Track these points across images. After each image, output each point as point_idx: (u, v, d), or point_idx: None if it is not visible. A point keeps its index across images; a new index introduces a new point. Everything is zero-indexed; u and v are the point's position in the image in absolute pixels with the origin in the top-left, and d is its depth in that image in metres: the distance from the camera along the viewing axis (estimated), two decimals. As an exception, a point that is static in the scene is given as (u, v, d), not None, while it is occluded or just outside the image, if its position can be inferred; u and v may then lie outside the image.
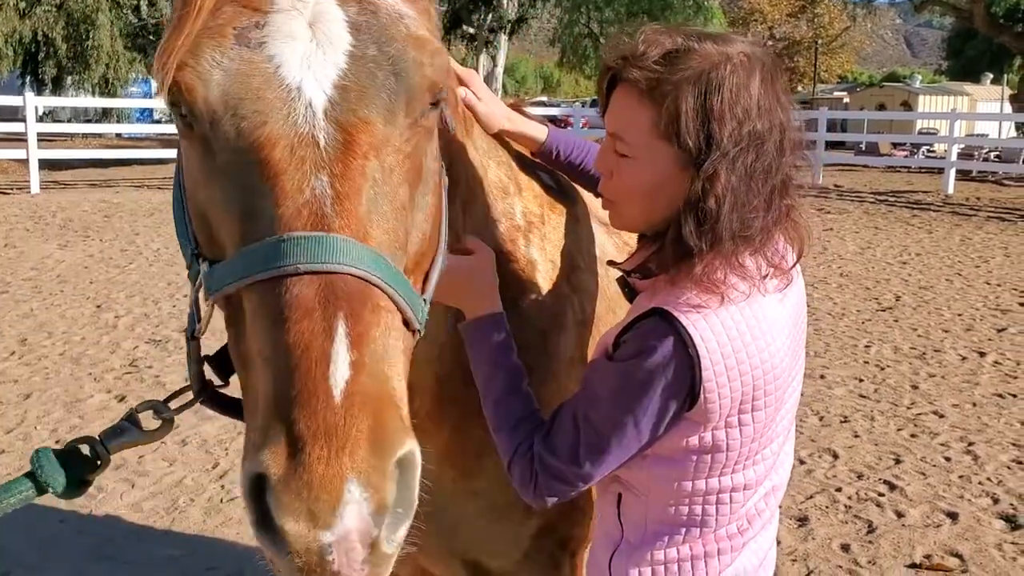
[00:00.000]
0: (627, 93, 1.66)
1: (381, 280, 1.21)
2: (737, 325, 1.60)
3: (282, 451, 1.09)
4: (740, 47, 1.64)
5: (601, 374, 1.66)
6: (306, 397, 1.10)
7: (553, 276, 2.07)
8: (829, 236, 14.83)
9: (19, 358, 7.45)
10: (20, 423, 6.07)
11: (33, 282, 10.21)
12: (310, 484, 1.06)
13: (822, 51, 54.47)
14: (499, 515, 1.99)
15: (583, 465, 1.65)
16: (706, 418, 1.61)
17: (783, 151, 1.64)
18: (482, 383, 1.80)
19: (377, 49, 1.29)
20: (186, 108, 1.28)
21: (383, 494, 1.10)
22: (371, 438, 1.10)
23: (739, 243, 1.59)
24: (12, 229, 13.82)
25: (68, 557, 4.39)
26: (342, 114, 1.25)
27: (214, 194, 1.29)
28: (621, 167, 1.69)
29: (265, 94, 1.23)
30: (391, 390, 1.18)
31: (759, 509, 1.78)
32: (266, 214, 1.21)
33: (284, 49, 1.25)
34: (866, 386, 7.14)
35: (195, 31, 1.26)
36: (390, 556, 1.14)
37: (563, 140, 2.15)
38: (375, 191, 1.26)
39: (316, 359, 1.12)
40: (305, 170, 1.21)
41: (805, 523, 4.83)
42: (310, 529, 1.07)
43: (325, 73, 1.25)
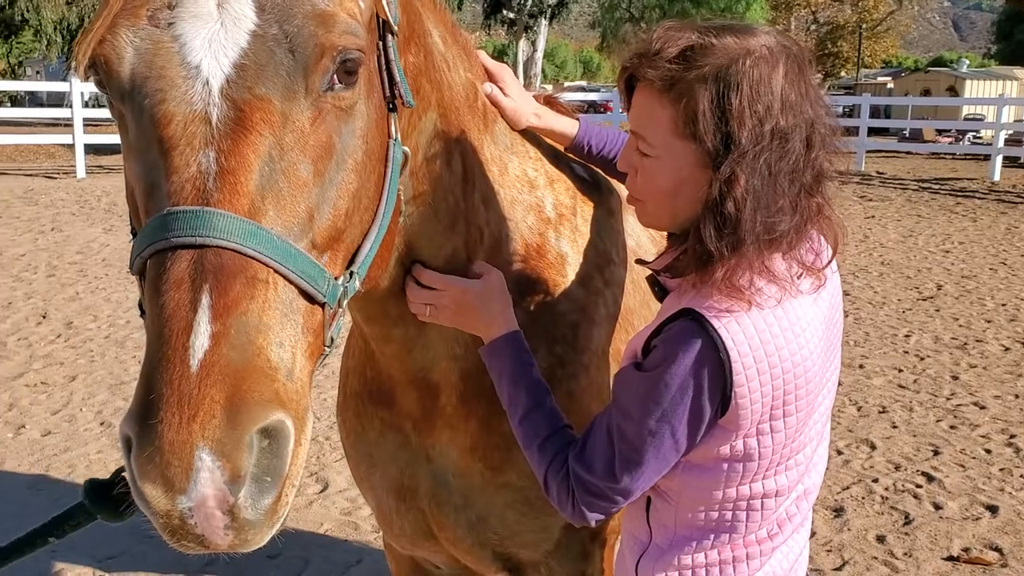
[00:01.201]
0: (645, 93, 1.62)
1: (260, 253, 1.22)
2: (769, 327, 1.55)
3: (143, 416, 1.14)
4: (763, 39, 1.57)
5: (631, 384, 1.61)
6: (165, 365, 1.14)
7: (585, 270, 2.07)
8: (870, 224, 14.66)
9: (65, 341, 7.62)
10: (66, 405, 6.22)
11: (79, 266, 10.42)
12: (161, 449, 1.11)
13: (866, 35, 53.59)
14: (529, 507, 2.00)
15: (620, 480, 1.61)
16: (737, 425, 1.56)
17: (812, 147, 1.57)
18: (506, 403, 1.80)
19: (279, 27, 1.30)
20: (105, 83, 1.33)
21: (237, 463, 1.13)
22: (227, 407, 1.13)
23: (764, 246, 1.54)
24: (59, 213, 14.09)
25: (112, 535, 4.50)
26: (237, 92, 1.27)
27: (132, 170, 1.34)
28: (644, 166, 1.65)
29: (167, 72, 1.27)
30: (263, 361, 1.19)
31: (790, 514, 1.73)
32: (160, 189, 1.25)
33: (189, 29, 1.28)
34: (905, 376, 7.07)
35: (114, 13, 1.30)
36: (256, 522, 1.18)
37: (595, 134, 2.14)
38: (269, 167, 1.27)
39: (178, 329, 1.16)
40: (195, 146, 1.25)
41: (841, 514, 4.82)
42: (165, 493, 1.12)
43: (225, 52, 1.28)
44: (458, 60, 1.91)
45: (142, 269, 1.28)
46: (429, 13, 1.85)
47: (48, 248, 11.38)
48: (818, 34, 53.87)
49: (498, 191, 1.96)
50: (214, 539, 1.16)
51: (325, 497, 4.96)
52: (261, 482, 1.17)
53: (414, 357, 1.96)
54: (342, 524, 4.70)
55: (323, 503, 4.90)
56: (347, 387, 2.27)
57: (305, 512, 4.79)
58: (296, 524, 4.64)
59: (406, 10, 1.65)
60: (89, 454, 5.41)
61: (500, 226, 1.95)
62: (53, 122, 25.02)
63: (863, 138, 22.86)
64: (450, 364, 1.96)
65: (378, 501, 2.24)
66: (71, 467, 5.25)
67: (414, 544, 2.26)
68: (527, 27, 44.59)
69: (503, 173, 1.99)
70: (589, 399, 2.01)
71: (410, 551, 2.37)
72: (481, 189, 1.91)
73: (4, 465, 5.32)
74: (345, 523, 4.70)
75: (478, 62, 2.03)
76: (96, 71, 1.32)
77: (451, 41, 1.91)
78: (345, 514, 4.79)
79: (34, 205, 14.86)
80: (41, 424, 5.88)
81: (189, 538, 1.16)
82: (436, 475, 2.07)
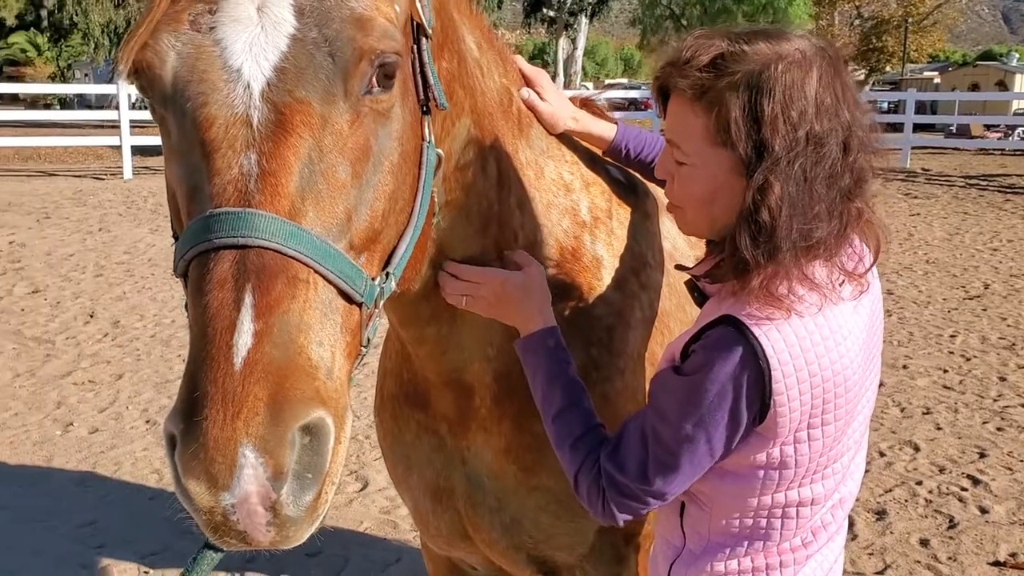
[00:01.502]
0: (678, 101, 1.61)
1: (301, 254, 1.24)
2: (810, 335, 1.53)
3: (188, 414, 1.16)
4: (796, 44, 1.55)
5: (669, 387, 1.60)
6: (209, 363, 1.16)
7: (621, 273, 2.07)
8: (915, 221, 14.44)
9: (112, 339, 7.76)
10: (112, 403, 6.34)
11: (126, 266, 10.60)
12: (205, 446, 1.13)
13: (912, 29, 52.67)
14: (563, 511, 2.00)
15: (653, 483, 1.60)
16: (774, 432, 1.55)
17: (849, 151, 1.54)
18: (540, 400, 1.79)
19: (318, 31, 1.32)
20: (147, 87, 1.35)
21: (280, 459, 1.15)
22: (270, 405, 1.15)
23: (802, 254, 1.52)
24: (106, 214, 14.34)
25: (156, 532, 4.59)
26: (278, 95, 1.29)
27: (174, 173, 1.36)
28: (680, 174, 1.64)
29: (209, 76, 1.29)
30: (304, 360, 1.21)
31: (825, 522, 1.72)
32: (203, 191, 1.27)
33: (230, 33, 1.30)
34: (950, 377, 6.96)
35: (156, 19, 1.33)
36: (298, 519, 1.19)
37: (632, 137, 2.14)
38: (309, 169, 1.29)
39: (222, 328, 1.18)
40: (236, 148, 1.27)
41: (883, 517, 4.76)
42: (209, 489, 1.14)
43: (266, 56, 1.30)
44: (493, 66, 1.92)
45: (185, 271, 1.30)
46: (465, 19, 1.86)
47: (96, 248, 11.59)
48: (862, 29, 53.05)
49: (533, 195, 1.97)
50: (256, 536, 1.17)
51: (365, 495, 5.01)
52: (303, 479, 1.19)
53: (448, 358, 1.97)
54: (381, 523, 4.74)
55: (363, 501, 4.95)
56: (384, 389, 2.30)
57: (345, 510, 4.84)
58: (336, 522, 4.69)
59: (440, 15, 1.66)
60: (135, 451, 5.51)
61: (535, 230, 1.96)
62: (101, 124, 25.47)
63: (908, 134, 22.50)
64: (483, 365, 1.97)
65: (415, 502, 2.26)
66: (117, 464, 5.35)
67: (450, 545, 2.28)
68: (567, 25, 44.49)
69: (539, 177, 2.00)
70: (624, 402, 2.01)
71: (447, 552, 2.39)
72: (516, 193, 1.92)
73: (53, 462, 5.44)
74: (384, 521, 4.74)
75: (514, 67, 2.04)
76: (139, 76, 1.35)
77: (486, 47, 1.92)
78: (384, 513, 4.83)
79: (83, 206, 15.14)
80: (88, 422, 6.00)
81: (231, 535, 1.17)
82: (471, 477, 2.08)
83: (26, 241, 11.92)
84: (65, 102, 42.75)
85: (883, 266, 1.63)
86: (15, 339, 7.74)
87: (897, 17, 52.67)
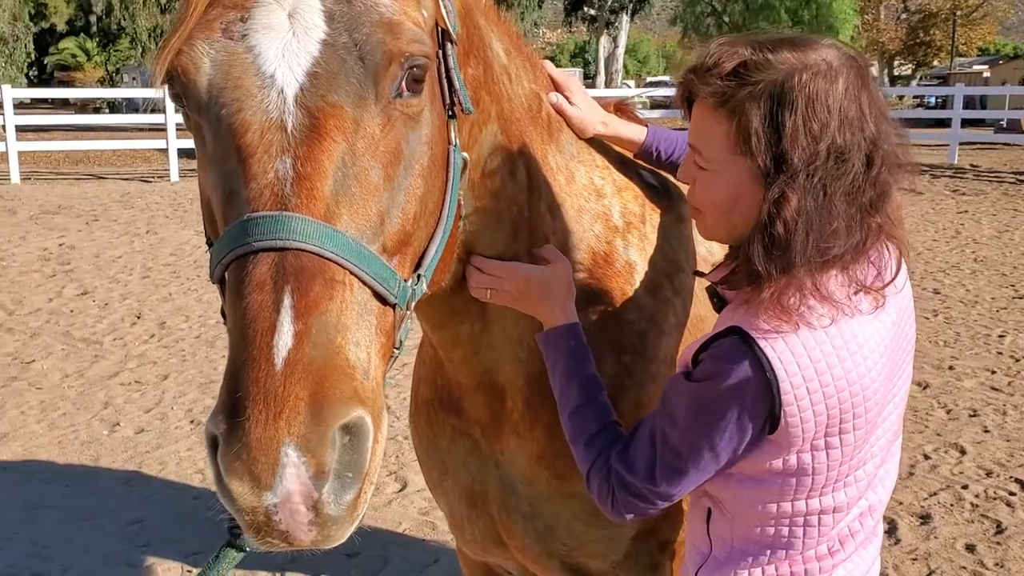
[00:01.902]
0: (701, 108, 1.60)
1: (337, 255, 1.26)
2: (821, 346, 1.52)
3: (230, 415, 1.17)
4: (822, 53, 1.53)
5: (679, 393, 1.62)
6: (251, 364, 1.18)
7: (654, 278, 2.07)
8: (963, 219, 14.18)
9: (158, 341, 7.90)
10: (158, 403, 6.45)
11: (172, 267, 10.77)
12: (248, 446, 1.14)
13: (961, 22, 51.73)
14: (596, 519, 1.99)
15: (659, 484, 1.62)
16: (789, 441, 1.54)
17: (872, 166, 1.52)
18: (558, 394, 1.82)
19: (348, 36, 1.34)
20: (181, 94, 1.37)
21: (322, 458, 1.16)
22: (311, 404, 1.16)
23: (816, 268, 1.51)
24: (153, 216, 14.58)
25: (200, 531, 4.66)
26: (311, 100, 1.31)
27: (208, 179, 1.38)
28: (701, 179, 1.64)
29: (243, 82, 1.31)
30: (343, 360, 1.22)
31: (853, 530, 1.70)
32: (239, 196, 1.29)
33: (263, 40, 1.32)
34: (999, 378, 6.82)
35: (189, 28, 1.35)
36: (339, 518, 1.20)
37: (664, 139, 2.13)
38: (343, 173, 1.31)
39: (263, 329, 1.19)
40: (272, 153, 1.28)
41: (928, 521, 4.68)
42: (252, 489, 1.15)
43: (298, 61, 1.32)
44: (522, 71, 1.93)
45: (222, 276, 1.32)
46: (492, 26, 1.87)
47: (143, 250, 11.80)
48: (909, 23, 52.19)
49: (564, 200, 1.97)
50: (298, 535, 1.18)
51: (403, 496, 5.04)
52: (343, 478, 1.20)
53: (480, 359, 1.98)
54: (420, 524, 4.77)
55: (401, 502, 4.98)
56: (419, 395, 2.31)
57: (384, 511, 4.88)
58: (375, 523, 4.73)
59: (465, 23, 1.67)
60: (180, 451, 5.60)
61: (566, 235, 1.96)
62: (149, 127, 25.88)
63: (956, 130, 22.10)
64: (515, 367, 1.98)
65: (450, 507, 2.27)
66: (163, 464, 5.44)
67: (485, 550, 2.29)
68: (608, 23, 44.38)
69: (570, 182, 2.00)
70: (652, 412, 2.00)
71: (482, 557, 2.40)
72: (547, 198, 1.93)
73: (100, 461, 5.55)
74: (423, 523, 4.77)
75: (543, 72, 2.04)
76: (173, 83, 1.37)
77: (515, 53, 1.93)
78: (423, 514, 4.85)
79: (130, 208, 15.42)
80: (135, 422, 6.11)
81: (273, 535, 1.19)
82: (505, 482, 2.09)
83: (75, 243, 12.17)
84: (114, 106, 43.51)
85: (930, 265, 1.59)
86: (64, 340, 7.91)
87: (945, 10, 51.74)
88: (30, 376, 7.01)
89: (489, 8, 1.89)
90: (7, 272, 10.44)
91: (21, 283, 9.93)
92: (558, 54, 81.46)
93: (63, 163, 23.05)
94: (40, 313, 8.78)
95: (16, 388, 6.75)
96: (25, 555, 4.48)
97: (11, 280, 10.06)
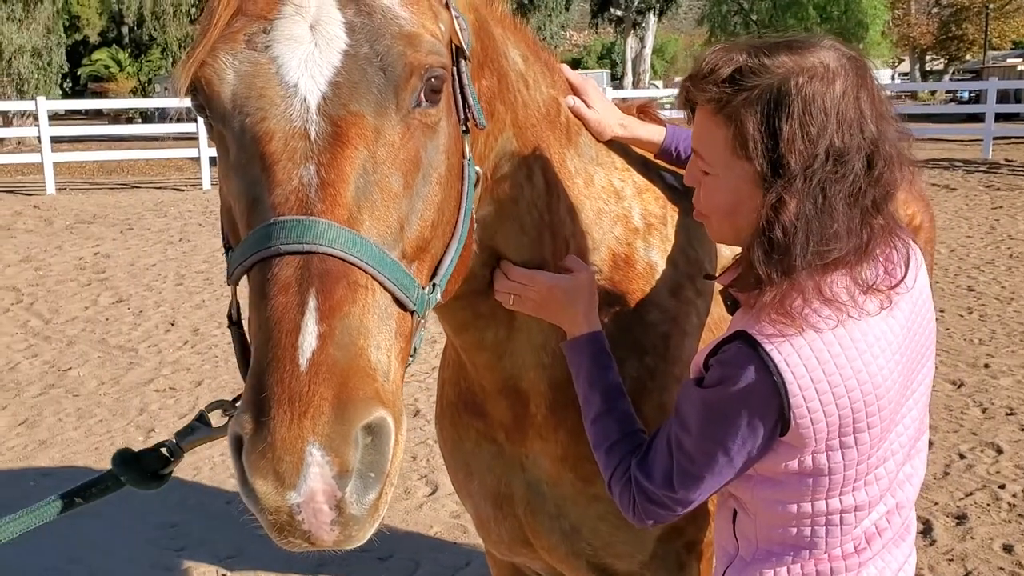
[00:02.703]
0: (701, 113, 1.62)
1: (360, 260, 1.28)
2: (829, 348, 1.52)
3: (255, 415, 1.19)
4: (820, 56, 1.53)
5: (690, 400, 1.63)
6: (275, 365, 1.20)
7: (676, 279, 2.07)
8: (998, 215, 13.98)
9: (192, 347, 7.99)
10: (192, 409, 6.51)
11: (205, 274, 10.90)
12: (273, 445, 1.15)
13: (994, 15, 51.00)
14: (622, 520, 1.97)
15: (677, 491, 1.64)
16: (803, 443, 1.55)
17: (874, 167, 1.52)
18: (581, 401, 1.84)
19: (369, 47, 1.36)
20: (205, 104, 1.40)
21: (345, 458, 1.17)
22: (335, 404, 1.18)
23: (817, 271, 1.51)
24: (186, 224, 14.75)
25: (233, 535, 4.71)
26: (334, 108, 1.34)
27: (231, 187, 1.40)
28: (705, 183, 1.65)
29: (266, 92, 1.34)
30: (365, 362, 1.24)
31: (880, 528, 1.70)
32: (264, 202, 1.32)
33: (286, 50, 1.35)
34: (1036, 376, 6.73)
35: (213, 39, 1.38)
36: (360, 518, 1.21)
37: (683, 139, 2.13)
38: (364, 179, 1.33)
39: (287, 330, 1.21)
40: (296, 160, 1.31)
41: (964, 521, 4.63)
42: (277, 489, 1.16)
43: (321, 71, 1.34)
44: (540, 77, 1.94)
45: (240, 279, 1.35)
46: (509, 34, 1.89)
47: (177, 258, 11.94)
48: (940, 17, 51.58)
49: (583, 203, 1.98)
50: (320, 534, 1.19)
51: (434, 500, 5.06)
52: (366, 478, 1.21)
53: (503, 365, 2.00)
54: (451, 527, 4.78)
55: (432, 506, 5.00)
56: (443, 398, 2.33)
57: (415, 514, 4.90)
58: (406, 526, 4.75)
59: (479, 35, 1.70)
60: (213, 456, 5.66)
61: (585, 237, 1.98)
62: (181, 136, 26.19)
63: (990, 124, 21.78)
64: (538, 373, 1.99)
65: (476, 509, 2.29)
66: (196, 469, 5.50)
67: (512, 551, 2.30)
68: (635, 24, 44.28)
69: (588, 184, 2.01)
70: None
71: (509, 558, 2.41)
72: (566, 202, 1.94)
73: (136, 467, 5.60)
74: (454, 526, 4.79)
75: (561, 77, 2.05)
76: (197, 94, 1.40)
77: (532, 59, 1.94)
78: (454, 517, 4.87)
79: (164, 217, 15.60)
80: (169, 428, 6.18)
81: (296, 534, 1.20)
82: (530, 484, 2.10)
83: (110, 252, 12.34)
84: (146, 115, 44.04)
85: (964, 261, 1.57)
86: (100, 347, 8.03)
87: (977, 3, 51.03)
88: (67, 383, 7.12)
89: (505, 17, 1.92)
90: (44, 281, 10.61)
91: (58, 292, 10.09)
92: (585, 56, 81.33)
93: (97, 173, 23.38)
94: (76, 321, 8.91)
95: (54, 395, 6.86)
96: (62, 559, 4.56)
97: (48, 289, 10.22)
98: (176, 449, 1.71)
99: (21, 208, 16.60)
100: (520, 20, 1.98)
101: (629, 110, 2.20)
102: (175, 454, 1.71)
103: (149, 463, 1.70)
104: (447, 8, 1.54)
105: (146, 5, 33.95)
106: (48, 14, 31.07)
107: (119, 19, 45.14)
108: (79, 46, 52.29)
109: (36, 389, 7.01)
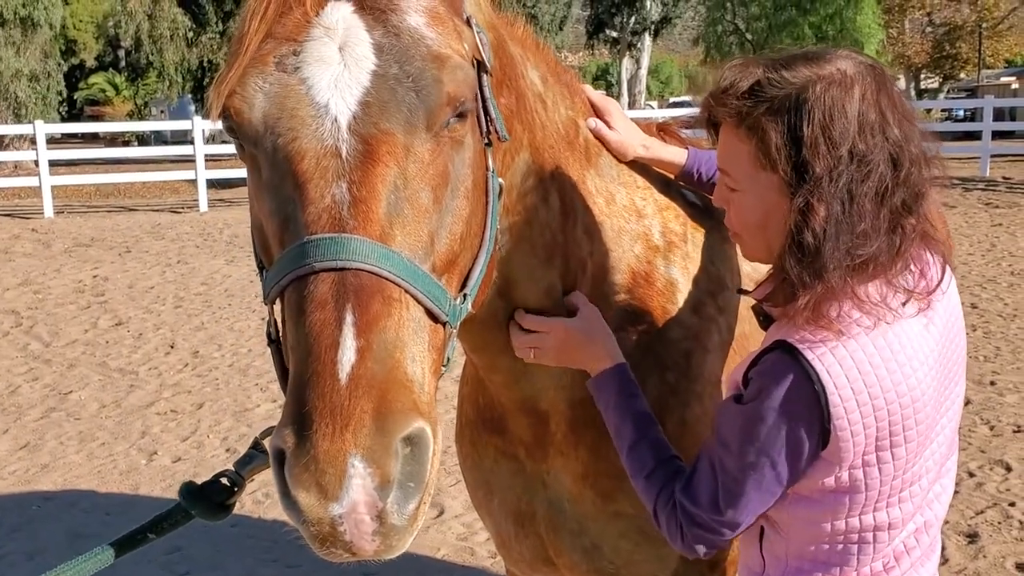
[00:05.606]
0: (725, 130, 1.64)
1: (394, 275, 1.30)
2: (869, 357, 1.51)
3: (297, 428, 1.20)
4: (837, 64, 1.55)
5: (729, 416, 1.61)
6: (316, 380, 1.22)
7: (697, 296, 2.06)
8: (998, 232, 14.01)
9: (192, 369, 7.95)
10: (194, 432, 6.48)
11: (204, 296, 10.87)
12: (316, 458, 1.17)
13: (987, 35, 51.32)
14: (643, 537, 1.99)
15: (725, 513, 1.61)
16: (839, 457, 1.53)
17: (900, 167, 1.53)
18: (614, 434, 1.81)
19: (399, 68, 1.38)
20: (236, 130, 1.41)
21: (386, 469, 1.19)
22: (375, 417, 1.20)
23: (850, 273, 1.51)
24: (184, 247, 14.74)
25: (241, 559, 4.66)
26: (364, 127, 1.36)
27: (263, 207, 1.42)
28: (734, 201, 1.66)
29: (298, 112, 1.36)
30: (401, 374, 1.26)
31: (908, 547, 1.68)
32: (297, 220, 1.33)
33: (316, 72, 1.37)
34: (1042, 393, 6.71)
35: (244, 64, 1.39)
36: (401, 528, 1.23)
37: (705, 161, 2.13)
38: (395, 196, 1.35)
39: (326, 346, 1.23)
40: (328, 178, 1.33)
41: (975, 540, 4.59)
42: (320, 500, 1.18)
43: (351, 91, 1.36)
44: (559, 98, 1.95)
45: (276, 298, 1.36)
46: (529, 54, 1.90)
47: (175, 280, 11.91)
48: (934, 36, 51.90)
49: (603, 222, 1.97)
50: (362, 545, 1.21)
51: (441, 522, 5.02)
52: (406, 488, 1.23)
53: (521, 387, 1.99)
54: (458, 549, 4.74)
55: (439, 528, 4.96)
56: (463, 415, 2.32)
57: (422, 537, 4.85)
58: (412, 548, 4.69)
59: (499, 54, 1.71)
60: (216, 480, 5.61)
61: (604, 256, 1.97)
62: (177, 159, 26.21)
63: (987, 142, 21.89)
64: (557, 393, 1.98)
65: (497, 527, 2.27)
66: (200, 492, 5.44)
67: (533, 569, 2.28)
68: (630, 45, 44.50)
69: (609, 203, 2.00)
70: (703, 428, 1.98)
71: (530, 576, 2.38)
72: (584, 222, 1.93)
73: (139, 490, 5.57)
74: (461, 548, 4.74)
75: (582, 98, 2.05)
76: (228, 119, 1.41)
77: (552, 80, 1.95)
78: (461, 539, 4.83)
79: (161, 239, 15.58)
80: (171, 451, 6.14)
81: (338, 545, 1.21)
82: (552, 501, 2.08)
83: (109, 275, 12.31)
84: (143, 139, 44.11)
85: (966, 279, 1.57)
86: (101, 371, 7.99)
87: (971, 23, 51.39)
88: (68, 407, 7.07)
89: (526, 37, 1.93)
90: (44, 304, 10.58)
91: (57, 315, 10.05)
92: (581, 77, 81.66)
93: (95, 196, 23.38)
94: (76, 344, 8.87)
95: (55, 419, 6.82)
96: (66, 586, 4.50)
97: (47, 312, 10.19)
98: (237, 478, 1.72)
99: (19, 231, 16.58)
100: (542, 41, 1.98)
101: (650, 129, 2.20)
102: (237, 484, 1.72)
103: (214, 494, 1.70)
104: (468, 25, 1.55)
105: (143, 29, 34.05)
106: (46, 38, 31.16)
107: (116, 43, 45.33)
108: (75, 70, 52.47)
109: (37, 412, 6.96)
